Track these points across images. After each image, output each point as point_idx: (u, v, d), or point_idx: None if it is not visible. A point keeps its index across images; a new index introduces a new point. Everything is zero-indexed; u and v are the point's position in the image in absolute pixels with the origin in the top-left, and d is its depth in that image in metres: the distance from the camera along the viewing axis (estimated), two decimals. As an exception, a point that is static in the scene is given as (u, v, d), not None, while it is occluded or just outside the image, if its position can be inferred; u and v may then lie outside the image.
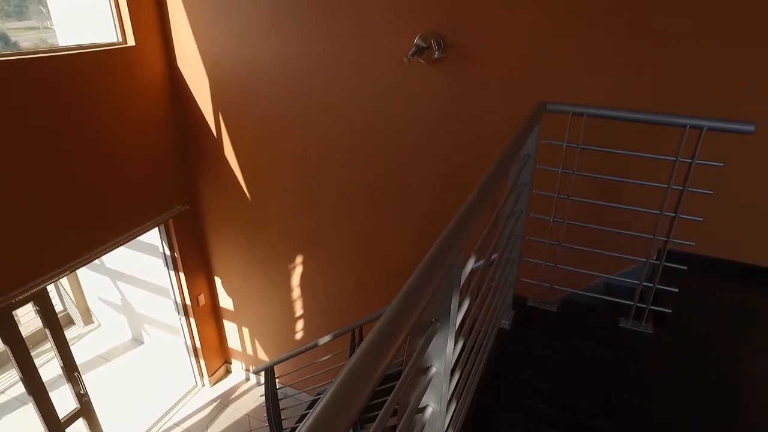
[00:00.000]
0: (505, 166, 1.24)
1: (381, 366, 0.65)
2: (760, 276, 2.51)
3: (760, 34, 2.14)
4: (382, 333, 0.68)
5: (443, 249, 0.86)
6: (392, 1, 2.71)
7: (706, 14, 2.18)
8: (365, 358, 0.65)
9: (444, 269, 0.83)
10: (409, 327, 0.71)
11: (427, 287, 0.77)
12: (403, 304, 0.73)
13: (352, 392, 0.60)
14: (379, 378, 0.64)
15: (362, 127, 3.11)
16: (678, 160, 1.82)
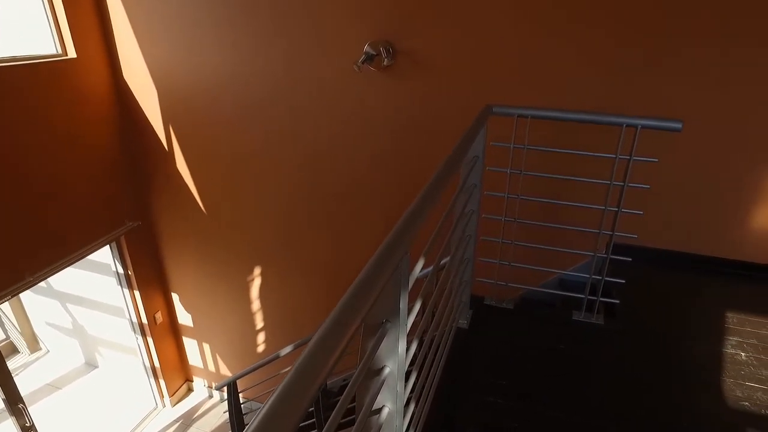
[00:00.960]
0: (451, 168, 1.27)
1: (326, 366, 0.65)
2: (697, 264, 2.66)
3: (682, 40, 2.28)
4: (326, 335, 0.69)
5: (388, 250, 0.87)
6: (341, 10, 2.73)
7: (642, 20, 2.30)
8: (311, 359, 0.65)
9: (389, 270, 0.84)
10: (354, 328, 0.72)
11: (372, 288, 0.78)
12: (347, 305, 0.74)
13: (298, 392, 0.60)
14: (324, 378, 0.64)
15: (315, 135, 3.11)
16: (617, 157, 1.91)
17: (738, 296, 2.48)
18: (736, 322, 2.28)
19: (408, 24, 2.64)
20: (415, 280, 1.11)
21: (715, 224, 2.62)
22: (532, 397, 1.82)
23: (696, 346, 2.12)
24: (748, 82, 2.30)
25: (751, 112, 2.34)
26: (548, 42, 2.46)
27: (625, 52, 2.39)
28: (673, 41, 2.31)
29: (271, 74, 3.04)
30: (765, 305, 2.40)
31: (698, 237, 2.66)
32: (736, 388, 1.89)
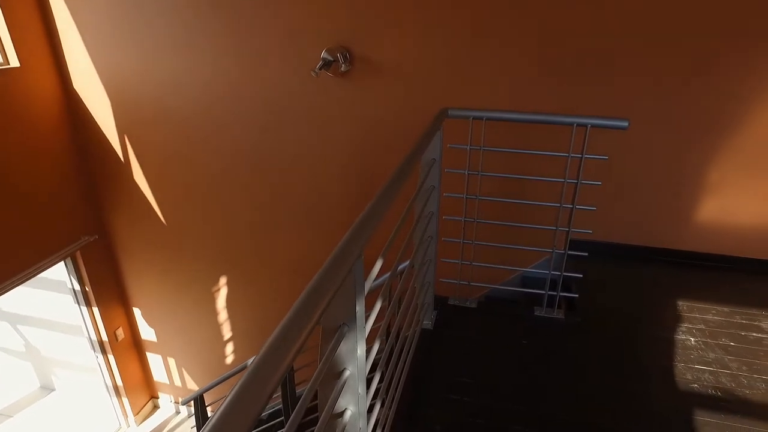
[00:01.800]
0: (406, 171, 1.29)
1: (279, 370, 0.65)
2: (648, 255, 2.79)
3: (627, 45, 2.38)
4: (278, 340, 0.69)
5: (341, 255, 0.88)
6: (297, 16, 2.73)
7: (593, 24, 2.39)
8: (261, 365, 0.65)
9: (342, 273, 0.85)
10: (306, 333, 0.72)
11: (324, 293, 0.79)
12: (299, 309, 0.74)
13: (252, 396, 0.60)
14: (277, 382, 0.64)
15: (276, 142, 3.09)
16: (569, 156, 1.97)
17: (687, 284, 2.60)
18: (685, 309, 2.39)
19: (365, 30, 2.66)
20: (377, 283, 1.12)
21: (663, 217, 2.73)
22: (497, 392, 1.86)
23: (650, 334, 2.21)
24: (688, 83, 2.41)
25: (689, 111, 2.46)
26: (504, 46, 2.52)
27: (576, 55, 2.47)
28: (619, 46, 2.41)
29: (228, 81, 3.00)
30: (711, 292, 2.53)
31: (649, 230, 2.78)
32: (686, 371, 1.98)
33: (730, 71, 2.36)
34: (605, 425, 1.73)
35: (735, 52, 2.32)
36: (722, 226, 2.69)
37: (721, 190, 2.61)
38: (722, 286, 2.60)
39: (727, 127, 2.47)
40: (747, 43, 2.29)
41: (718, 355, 2.08)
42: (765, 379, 1.95)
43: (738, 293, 2.54)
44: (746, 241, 2.70)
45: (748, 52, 2.31)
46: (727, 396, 1.86)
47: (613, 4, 2.33)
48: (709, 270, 2.75)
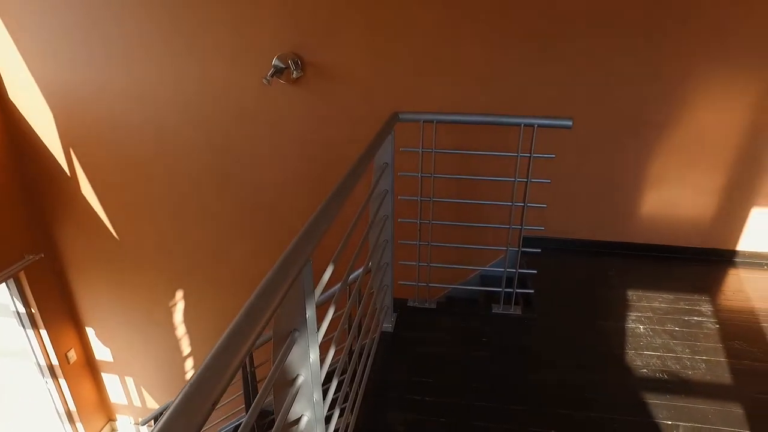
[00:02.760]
0: (355, 176, 1.30)
1: (224, 378, 0.65)
2: (597, 249, 2.90)
3: (574, 47, 2.48)
4: (222, 348, 0.68)
5: (287, 261, 0.88)
6: (247, 24, 2.70)
7: (540, 28, 2.48)
8: (204, 375, 0.64)
9: (289, 280, 0.85)
10: (252, 338, 0.72)
11: (270, 300, 0.78)
12: (243, 319, 0.73)
13: (193, 408, 0.59)
14: (221, 392, 0.63)
15: (230, 152, 3.04)
16: (518, 155, 2.03)
17: (635, 275, 2.72)
18: (634, 299, 2.49)
19: (314, 36, 2.66)
20: (338, 288, 1.12)
21: (610, 211, 2.85)
22: (458, 390, 1.88)
23: (602, 324, 2.29)
24: (629, 83, 2.53)
25: (630, 110, 2.58)
26: (456, 49, 2.56)
27: (526, 57, 2.54)
28: (565, 47, 2.50)
29: (179, 90, 2.93)
30: (657, 281, 2.66)
31: (597, 224, 2.89)
32: (636, 358, 2.07)
33: (668, 73, 2.49)
34: (562, 414, 1.78)
35: (672, 54, 2.44)
36: (664, 218, 2.83)
37: (661, 184, 2.74)
38: (667, 275, 2.73)
39: (665, 125, 2.60)
40: (684, 47, 2.42)
41: (664, 341, 2.18)
42: (705, 359, 2.06)
43: (681, 281, 2.67)
44: (686, 231, 2.85)
45: (684, 54, 2.44)
46: (673, 378, 1.96)
47: (556, 8, 2.42)
48: (655, 260, 2.88)
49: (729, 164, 2.66)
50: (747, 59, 2.41)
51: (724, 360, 2.06)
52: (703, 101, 2.53)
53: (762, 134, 2.56)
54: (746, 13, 2.33)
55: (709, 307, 2.44)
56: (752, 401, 1.84)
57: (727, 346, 2.15)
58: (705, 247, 2.88)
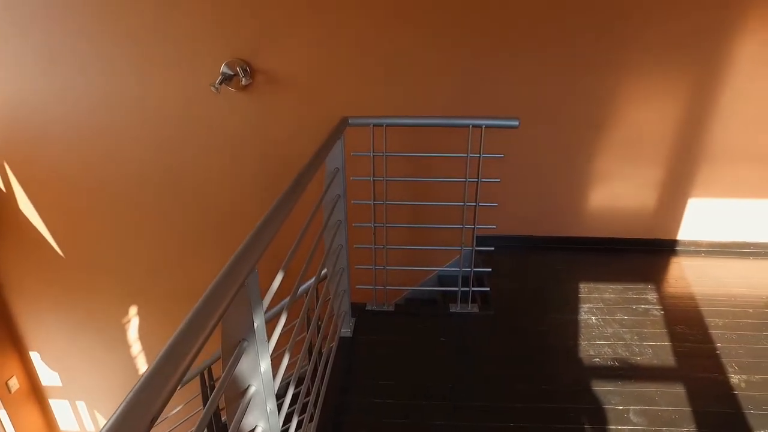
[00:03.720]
0: (302, 182, 1.29)
1: (164, 393, 0.63)
2: (549, 244, 3.00)
3: (521, 50, 2.56)
4: (161, 363, 0.66)
5: (231, 270, 0.86)
6: (194, 31, 2.63)
7: (486, 32, 2.54)
8: (145, 388, 0.62)
9: (233, 290, 0.83)
10: (193, 352, 0.70)
11: (212, 311, 0.77)
12: (184, 331, 0.72)
13: (131, 425, 0.57)
14: (159, 409, 0.61)
15: (178, 161, 2.96)
16: (468, 156, 2.07)
17: (586, 268, 2.82)
18: (586, 291, 2.59)
19: (263, 43, 2.63)
20: (299, 293, 1.11)
21: (560, 207, 2.95)
22: (418, 391, 1.89)
23: (556, 318, 2.37)
24: (573, 82, 2.63)
25: (575, 108, 2.69)
26: (406, 54, 2.59)
27: (473, 60, 2.59)
28: (513, 51, 2.57)
29: (125, 98, 2.83)
30: (606, 272, 2.76)
31: (548, 221, 2.98)
32: (589, 348, 2.14)
33: (607, 73, 2.60)
34: (519, 408, 1.82)
35: (610, 56, 2.56)
36: (610, 212, 2.96)
37: (606, 179, 2.86)
38: (615, 266, 2.85)
39: (606, 123, 2.71)
40: (620, 49, 2.54)
41: (615, 330, 2.27)
42: (651, 344, 2.16)
43: (628, 271, 2.79)
44: (631, 224, 2.98)
45: (620, 56, 2.56)
46: (623, 365, 2.04)
47: (501, 12, 2.49)
48: (604, 252, 3.00)
49: (666, 158, 2.80)
50: (675, 57, 2.56)
51: (668, 344, 2.17)
52: (640, 99, 2.66)
53: (693, 128, 2.71)
54: (673, 15, 2.47)
55: (655, 295, 2.56)
56: (692, 381, 1.94)
57: (671, 330, 2.26)
58: (648, 238, 3.02)
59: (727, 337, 2.21)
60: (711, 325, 2.31)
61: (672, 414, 1.79)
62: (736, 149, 2.75)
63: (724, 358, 2.08)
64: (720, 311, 2.42)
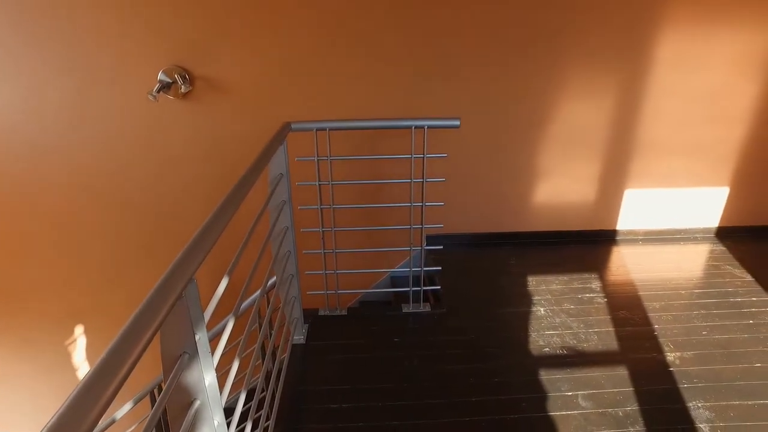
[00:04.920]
0: (242, 190, 1.27)
1: (90, 416, 0.60)
2: (496, 240, 3.08)
3: (460, 53, 2.62)
4: (90, 383, 0.63)
5: (167, 282, 0.83)
6: (130, 39, 2.53)
7: (428, 36, 2.58)
8: (69, 411, 0.59)
9: (169, 302, 0.81)
10: (125, 369, 0.67)
11: (147, 325, 0.74)
12: (116, 347, 0.69)
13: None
14: (90, 427, 0.59)
15: (118, 171, 2.83)
16: (412, 157, 2.10)
17: (533, 262, 2.92)
18: (534, 284, 2.67)
19: (201, 49, 2.56)
20: (246, 304, 1.08)
21: (506, 204, 3.03)
22: (373, 393, 1.90)
23: (506, 311, 2.43)
24: (513, 83, 2.72)
25: (517, 107, 2.77)
26: (349, 57, 2.59)
27: (418, 64, 2.62)
28: (451, 51, 2.62)
29: (59, 111, 2.68)
30: (553, 265, 2.87)
31: (495, 217, 3.06)
32: (539, 338, 2.21)
33: (545, 73, 2.70)
34: (473, 402, 1.85)
35: (548, 57, 2.66)
36: (554, 206, 3.07)
37: (548, 175, 2.96)
38: (561, 258, 2.96)
39: (546, 120, 2.82)
40: (557, 50, 2.65)
41: (562, 319, 2.35)
42: (596, 331, 2.26)
43: (573, 262, 2.91)
44: (573, 217, 3.11)
45: (557, 56, 2.66)
46: (571, 352, 2.12)
47: (442, 14, 2.54)
48: (550, 245, 3.11)
49: (602, 152, 2.94)
50: (606, 57, 2.69)
51: (612, 329, 2.27)
52: (576, 98, 2.78)
53: (625, 123, 2.86)
54: (603, 19, 2.60)
55: (599, 283, 2.68)
56: (634, 362, 2.05)
57: (614, 316, 2.38)
58: (591, 230, 3.16)
59: (664, 319, 2.34)
60: (649, 308, 2.44)
61: (617, 395, 1.88)
62: (664, 142, 2.93)
63: (662, 338, 2.20)
64: (657, 295, 2.55)
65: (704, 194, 3.10)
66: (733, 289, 2.60)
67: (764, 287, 2.60)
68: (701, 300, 2.50)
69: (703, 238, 3.20)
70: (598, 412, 1.80)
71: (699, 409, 1.81)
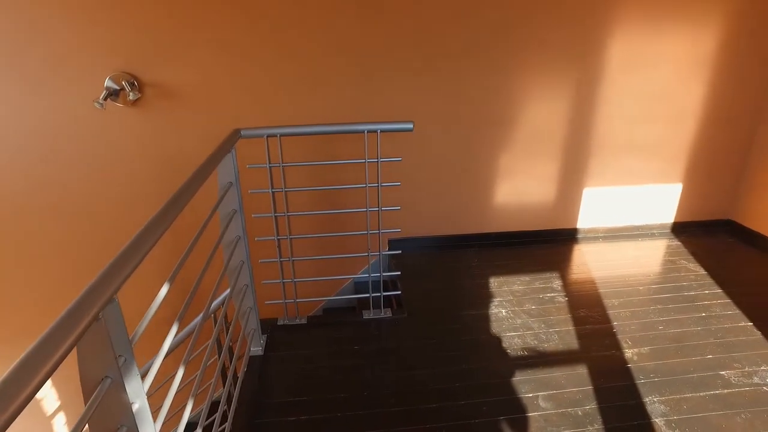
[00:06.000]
0: (180, 202, 1.21)
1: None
2: (455, 243, 3.08)
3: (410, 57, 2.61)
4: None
5: (80, 304, 0.78)
6: (74, 44, 2.42)
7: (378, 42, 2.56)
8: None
9: (82, 324, 0.75)
10: (23, 397, 0.61)
11: (49, 352, 0.69)
12: (12, 376, 0.63)
13: None
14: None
15: (62, 182, 2.70)
16: (366, 161, 2.07)
17: (495, 263, 2.92)
18: (496, 285, 2.67)
19: (150, 55, 2.48)
20: (197, 321, 1.02)
21: (466, 205, 3.04)
22: (332, 404, 1.85)
23: (468, 314, 2.42)
24: (469, 84, 2.72)
25: (474, 108, 2.78)
26: (300, 64, 2.55)
27: (371, 65, 2.60)
28: (405, 56, 2.61)
29: (1, 119, 2.55)
30: (515, 265, 2.88)
31: (456, 219, 3.06)
32: (500, 340, 2.21)
33: (504, 74, 2.71)
34: (434, 408, 1.83)
35: (506, 59, 2.67)
36: (515, 207, 3.09)
37: (509, 175, 2.98)
38: (523, 259, 2.98)
39: (505, 121, 2.83)
40: (513, 52, 2.66)
41: (523, 320, 2.36)
42: (557, 330, 2.27)
43: (535, 262, 2.93)
44: (534, 217, 3.13)
45: (514, 59, 2.68)
46: (532, 353, 2.12)
47: (392, 16, 2.52)
48: (512, 246, 3.13)
49: (561, 152, 2.97)
50: (561, 57, 2.72)
51: (572, 328, 2.29)
52: (533, 98, 2.80)
53: (582, 123, 2.91)
54: (558, 24, 2.63)
55: (559, 282, 2.70)
56: (593, 360, 2.06)
57: (574, 315, 2.40)
58: (551, 229, 3.19)
59: (622, 315, 2.38)
60: (608, 305, 2.47)
61: (576, 395, 1.88)
62: (620, 141, 2.98)
63: (620, 335, 2.23)
64: (616, 292, 2.59)
65: (659, 191, 3.18)
66: (687, 283, 2.66)
67: (716, 280, 2.67)
68: (658, 295, 2.55)
69: (660, 234, 3.27)
70: (558, 413, 1.80)
71: (655, 403, 1.83)
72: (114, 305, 0.86)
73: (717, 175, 3.17)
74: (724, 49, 2.82)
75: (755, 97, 2.97)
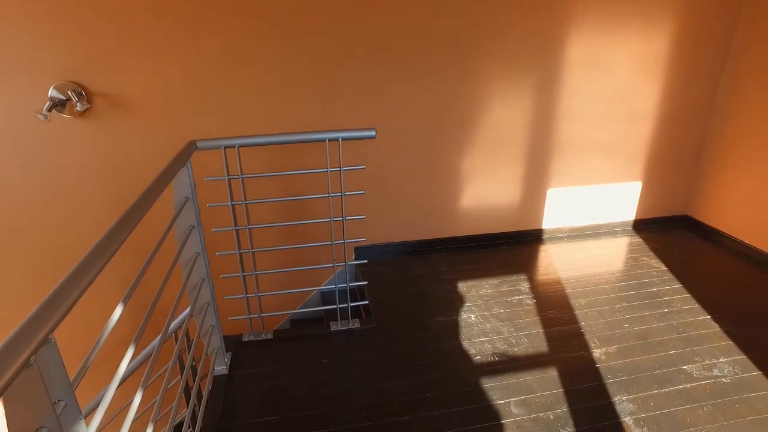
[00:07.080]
0: (129, 222, 1.13)
1: None
2: (421, 248, 3.07)
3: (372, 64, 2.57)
4: None
5: (6, 350, 0.70)
6: (13, 52, 2.27)
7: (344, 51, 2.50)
8: None
9: (7, 376, 0.67)
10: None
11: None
12: None
13: None
14: None
15: (11, 200, 2.54)
16: (329, 170, 2.02)
17: (463, 267, 2.92)
18: (465, 290, 2.66)
19: (98, 64, 2.34)
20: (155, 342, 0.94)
21: (432, 210, 3.02)
22: (301, 422, 1.79)
23: (437, 321, 2.40)
24: (429, 89, 2.70)
25: (435, 114, 2.76)
26: (261, 73, 2.47)
27: (333, 75, 2.55)
28: (372, 62, 2.57)
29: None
30: (483, 269, 2.88)
31: (422, 224, 3.04)
32: (470, 347, 2.20)
33: (464, 79, 2.71)
34: (405, 421, 1.80)
35: (464, 63, 2.67)
36: (481, 210, 3.09)
37: (473, 179, 2.98)
38: (490, 261, 2.98)
39: (466, 125, 2.83)
40: (474, 58, 2.66)
41: (493, 325, 2.35)
42: (527, 333, 2.27)
43: (502, 264, 2.94)
44: (501, 219, 3.15)
45: (471, 63, 2.68)
46: (502, 358, 2.11)
47: (350, 23, 2.47)
48: (479, 249, 3.13)
49: (524, 154, 2.99)
50: (522, 62, 2.74)
51: (541, 331, 2.30)
52: (494, 101, 2.81)
53: (544, 125, 2.94)
54: (515, 23, 2.64)
55: (527, 284, 2.72)
56: (563, 362, 2.07)
57: (543, 317, 2.41)
58: (518, 230, 3.22)
59: (589, 315, 2.40)
60: (576, 305, 2.49)
61: (547, 398, 1.88)
62: (581, 142, 3.03)
63: (588, 335, 2.25)
64: (582, 291, 2.62)
65: (620, 189, 3.24)
66: (649, 279, 2.72)
67: (676, 275, 2.74)
68: (622, 293, 2.60)
69: (622, 232, 3.34)
70: (530, 418, 1.80)
71: (623, 402, 1.85)
72: (50, 346, 0.78)
73: (673, 172, 3.26)
74: (675, 50, 2.90)
75: (706, 96, 3.07)
